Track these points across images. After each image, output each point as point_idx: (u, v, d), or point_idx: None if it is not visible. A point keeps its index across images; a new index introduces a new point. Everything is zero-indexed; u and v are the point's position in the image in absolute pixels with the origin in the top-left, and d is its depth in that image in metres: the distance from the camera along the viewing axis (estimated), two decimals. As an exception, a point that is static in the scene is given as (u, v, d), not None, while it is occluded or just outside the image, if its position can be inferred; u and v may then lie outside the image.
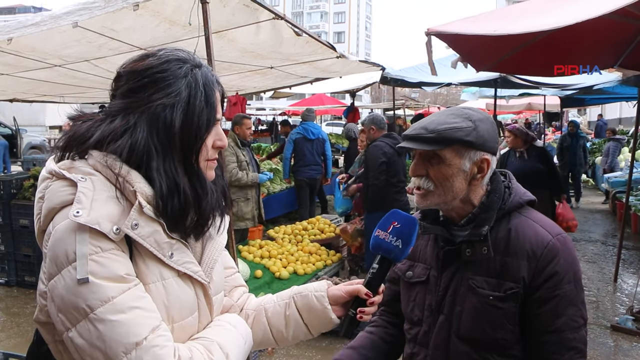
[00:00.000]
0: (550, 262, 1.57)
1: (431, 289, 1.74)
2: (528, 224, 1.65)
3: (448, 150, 1.60)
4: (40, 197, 1.20)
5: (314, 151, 8.86)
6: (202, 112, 1.25)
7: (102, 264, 1.09)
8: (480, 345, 1.63)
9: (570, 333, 1.57)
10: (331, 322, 1.46)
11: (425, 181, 1.64)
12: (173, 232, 1.23)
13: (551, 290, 1.56)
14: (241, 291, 1.60)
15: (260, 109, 30.22)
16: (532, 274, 1.57)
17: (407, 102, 21.54)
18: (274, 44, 5.59)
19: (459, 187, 1.64)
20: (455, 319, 1.66)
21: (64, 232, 1.10)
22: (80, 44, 4.85)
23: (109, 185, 1.17)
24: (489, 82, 9.13)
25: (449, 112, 1.67)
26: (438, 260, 1.74)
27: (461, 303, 1.65)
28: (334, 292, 1.47)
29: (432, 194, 1.64)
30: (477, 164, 1.64)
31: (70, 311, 1.08)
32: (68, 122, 1.29)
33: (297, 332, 1.49)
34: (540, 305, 1.57)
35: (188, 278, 1.25)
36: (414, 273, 1.80)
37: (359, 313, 1.44)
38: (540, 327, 1.59)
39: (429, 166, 1.64)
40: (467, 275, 1.66)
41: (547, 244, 1.59)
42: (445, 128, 1.58)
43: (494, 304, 1.59)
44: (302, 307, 1.48)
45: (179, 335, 1.23)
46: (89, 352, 1.08)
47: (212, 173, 1.34)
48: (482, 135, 1.62)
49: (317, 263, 5.65)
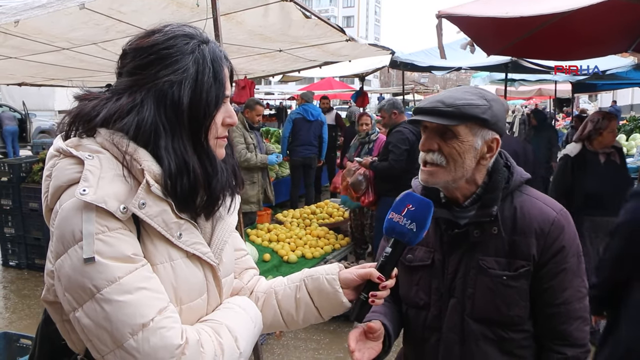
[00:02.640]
0: (557, 238, 1.62)
1: (437, 273, 1.73)
2: (532, 202, 1.68)
3: (462, 127, 1.59)
4: (47, 175, 1.19)
5: (310, 132, 8.96)
6: (211, 88, 1.22)
7: (108, 244, 1.08)
8: (495, 323, 1.65)
9: (577, 303, 1.64)
10: (342, 306, 1.45)
11: (437, 156, 1.62)
12: (182, 212, 1.21)
13: (558, 265, 1.62)
14: (251, 273, 1.58)
15: (269, 93, 30.16)
16: (540, 250, 1.61)
17: (417, 87, 21.42)
18: (282, 27, 5.54)
19: (468, 165, 1.63)
20: (467, 301, 1.66)
21: (70, 211, 1.09)
22: (87, 27, 4.81)
23: (117, 163, 1.15)
24: (500, 67, 9.04)
25: (463, 90, 1.65)
26: (442, 243, 1.73)
27: (472, 285, 1.66)
28: (345, 276, 1.45)
29: (443, 169, 1.62)
30: (488, 143, 1.64)
31: (77, 291, 1.07)
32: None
33: (307, 315, 1.48)
34: (548, 280, 1.63)
35: (197, 259, 1.24)
36: (415, 256, 1.78)
37: (371, 297, 1.42)
38: (548, 300, 1.64)
39: (441, 141, 1.62)
40: (476, 256, 1.66)
41: (553, 220, 1.63)
42: (463, 104, 1.57)
43: (507, 283, 1.62)
44: (313, 290, 1.46)
45: (188, 317, 1.22)
46: (95, 333, 1.07)
47: (222, 151, 1.32)
48: (496, 115, 1.61)
49: (325, 247, 5.65)
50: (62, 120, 1.24)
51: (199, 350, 1.13)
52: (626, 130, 15.08)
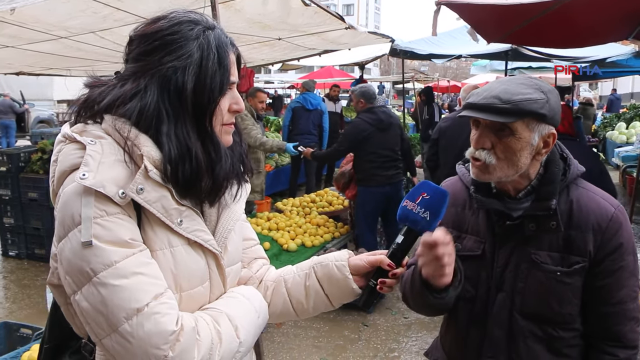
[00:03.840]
0: (615, 235, 1.56)
1: (486, 264, 1.67)
2: (589, 196, 1.62)
3: (519, 123, 1.51)
4: (54, 160, 1.20)
5: (309, 121, 8.93)
6: (215, 74, 1.22)
7: (106, 228, 1.09)
8: (545, 321, 1.61)
9: (631, 303, 1.59)
10: (352, 292, 1.43)
11: (488, 154, 1.55)
12: (185, 199, 1.21)
13: (615, 262, 1.56)
14: (261, 263, 1.57)
15: (268, 82, 30.04)
16: (597, 246, 1.56)
17: (417, 75, 21.35)
18: (281, 15, 5.51)
19: (524, 162, 1.56)
20: (517, 296, 1.62)
21: (71, 195, 1.10)
22: (85, 15, 4.78)
23: (118, 148, 1.16)
24: (500, 55, 8.98)
25: (519, 82, 1.56)
26: (493, 234, 1.67)
27: (523, 279, 1.61)
28: (355, 262, 1.44)
29: (494, 167, 1.56)
30: (545, 138, 1.56)
31: (76, 274, 1.09)
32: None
33: (317, 303, 1.47)
34: (604, 278, 1.57)
35: (199, 247, 1.24)
36: (464, 246, 1.72)
37: (380, 284, 1.39)
38: (602, 299, 1.58)
39: (495, 139, 1.54)
40: (528, 250, 1.61)
41: (612, 216, 1.57)
42: (521, 99, 1.49)
43: (561, 279, 1.57)
44: (322, 277, 1.45)
45: (189, 304, 1.22)
46: (92, 316, 1.09)
47: (229, 138, 1.31)
48: (553, 108, 1.54)
49: (325, 235, 5.64)
50: (71, 107, 1.26)
51: (194, 338, 1.13)
52: (626, 118, 15.04)
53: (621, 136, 13.34)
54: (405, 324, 5.04)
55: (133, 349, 1.07)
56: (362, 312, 5.22)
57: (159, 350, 1.08)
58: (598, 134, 15.41)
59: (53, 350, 1.36)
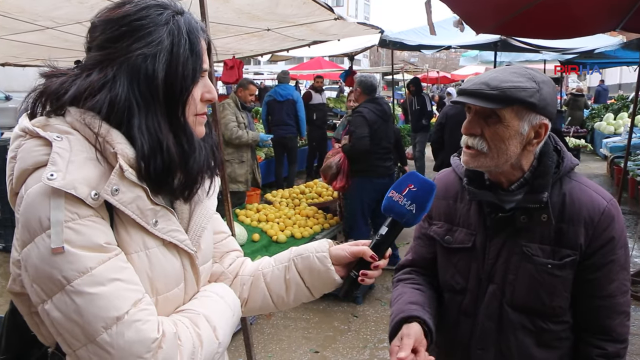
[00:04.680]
0: (606, 228, 1.56)
1: (478, 257, 1.67)
2: (581, 189, 1.62)
3: (508, 110, 1.51)
4: (12, 156, 1.10)
5: (283, 112, 9.11)
6: (187, 61, 1.14)
7: (79, 232, 1.01)
8: (535, 313, 1.61)
9: (621, 297, 1.59)
10: (334, 283, 1.39)
11: (479, 141, 1.55)
12: (158, 197, 1.15)
13: (606, 256, 1.57)
14: (234, 256, 1.51)
15: (258, 73, 29.89)
16: (588, 240, 1.56)
17: (406, 66, 21.32)
18: (270, 5, 5.48)
19: (512, 151, 1.55)
20: (508, 288, 1.62)
21: (37, 197, 1.01)
22: (71, 5, 4.72)
23: (88, 145, 1.07)
24: (489, 45, 9.01)
25: (512, 70, 1.56)
26: (485, 226, 1.66)
27: (514, 271, 1.61)
28: (337, 252, 1.40)
29: (484, 155, 1.56)
30: (535, 128, 1.55)
31: (46, 282, 1.01)
32: None
33: (298, 295, 1.43)
34: (594, 271, 1.57)
35: (174, 247, 1.18)
36: (455, 238, 1.71)
37: (361, 276, 1.36)
38: (592, 292, 1.59)
39: (485, 125, 1.55)
40: (519, 242, 1.60)
41: (604, 209, 1.58)
42: (509, 86, 1.48)
43: (552, 272, 1.57)
44: (303, 270, 1.41)
45: (164, 307, 1.17)
46: (66, 326, 1.01)
47: (202, 129, 1.25)
48: (545, 98, 1.52)
49: (314, 226, 5.64)
50: (27, 98, 1.15)
51: (176, 344, 1.09)
52: (614, 109, 15.15)
53: (609, 127, 13.45)
54: (394, 314, 5.06)
55: (113, 359, 1.02)
56: (352, 303, 5.24)
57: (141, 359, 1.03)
58: (586, 124, 15.51)
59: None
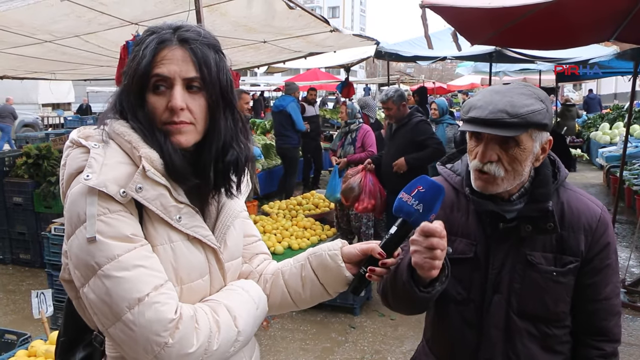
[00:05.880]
0: (603, 234, 1.62)
1: (480, 267, 1.68)
2: (577, 198, 1.68)
3: (525, 134, 1.53)
4: (63, 164, 1.29)
5: (278, 123, 9.32)
6: (136, 71, 1.25)
7: (109, 224, 1.17)
8: (541, 320, 1.65)
9: (615, 299, 1.66)
10: (346, 280, 1.46)
11: (496, 167, 1.56)
12: (182, 196, 1.27)
13: (603, 261, 1.63)
14: (262, 258, 1.63)
15: (254, 85, 30.02)
16: (588, 246, 1.61)
17: (402, 77, 21.43)
18: (266, 17, 5.53)
19: (526, 171, 1.59)
20: (514, 297, 1.64)
21: (77, 195, 1.19)
22: (69, 19, 4.77)
23: (121, 151, 1.24)
24: (484, 56, 9.08)
25: (519, 92, 1.56)
26: (486, 236, 1.68)
27: (520, 280, 1.63)
28: (348, 250, 1.47)
29: (502, 179, 1.57)
30: (543, 145, 1.60)
31: (83, 268, 1.17)
32: None
33: (314, 292, 1.51)
34: (593, 276, 1.63)
35: (198, 242, 1.30)
36: (455, 249, 1.71)
37: (370, 272, 1.40)
38: (590, 296, 1.64)
39: (501, 151, 1.55)
40: (523, 251, 1.63)
41: (599, 216, 1.64)
42: (527, 111, 1.50)
43: (557, 279, 1.61)
44: (317, 267, 1.49)
45: (189, 296, 1.29)
46: (99, 307, 1.17)
47: (183, 138, 1.26)
48: (551, 115, 1.58)
49: (311, 238, 5.65)
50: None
51: (193, 326, 1.20)
52: (609, 119, 15.21)
53: (605, 137, 13.50)
54: (392, 325, 5.06)
55: (136, 336, 1.15)
56: (349, 314, 5.24)
57: (159, 337, 1.15)
58: (582, 134, 15.57)
59: (68, 344, 1.46)
